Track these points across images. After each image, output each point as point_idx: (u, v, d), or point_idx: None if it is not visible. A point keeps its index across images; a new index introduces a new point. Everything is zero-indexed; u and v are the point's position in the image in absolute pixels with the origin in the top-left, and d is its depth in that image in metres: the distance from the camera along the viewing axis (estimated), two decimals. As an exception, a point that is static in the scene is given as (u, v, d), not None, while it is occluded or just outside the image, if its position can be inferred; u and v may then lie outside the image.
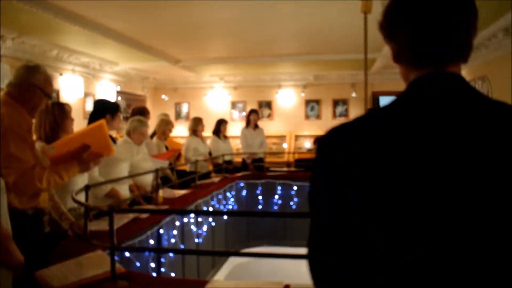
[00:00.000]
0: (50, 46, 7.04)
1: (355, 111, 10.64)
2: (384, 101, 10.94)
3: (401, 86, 1.00)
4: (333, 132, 0.89)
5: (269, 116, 11.18)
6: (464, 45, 0.91)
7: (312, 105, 11.05)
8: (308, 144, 10.71)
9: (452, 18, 0.88)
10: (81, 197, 2.70)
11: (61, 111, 2.96)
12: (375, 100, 10.60)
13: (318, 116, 11.01)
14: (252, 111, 7.70)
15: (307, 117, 11.05)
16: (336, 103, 10.93)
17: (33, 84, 2.38)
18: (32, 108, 2.42)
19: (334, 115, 10.94)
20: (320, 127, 10.83)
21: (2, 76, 5.52)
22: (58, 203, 2.73)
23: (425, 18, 0.88)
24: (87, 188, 2.70)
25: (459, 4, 0.88)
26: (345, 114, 10.87)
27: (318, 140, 0.92)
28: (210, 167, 6.84)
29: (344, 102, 10.88)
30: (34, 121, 2.62)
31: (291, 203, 6.55)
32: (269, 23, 5.95)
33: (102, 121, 2.59)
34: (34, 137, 2.76)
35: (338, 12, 5.36)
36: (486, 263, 0.74)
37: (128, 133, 4.20)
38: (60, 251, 2.49)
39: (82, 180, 2.95)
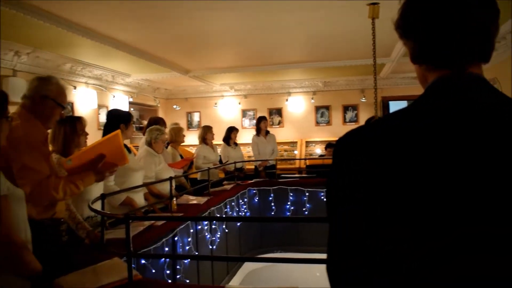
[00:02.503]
0: (63, 59, 7.18)
1: (365, 116, 10.62)
2: (394, 106, 10.95)
3: (410, 90, 0.98)
4: (349, 136, 0.87)
5: (280, 123, 11.22)
6: (486, 45, 0.87)
7: (322, 111, 11.07)
8: (319, 150, 10.71)
9: (473, 16, 0.84)
10: (97, 206, 2.76)
11: (72, 129, 3.03)
12: (385, 105, 10.60)
13: (328, 122, 11.02)
14: (261, 118, 7.76)
15: (317, 123, 11.07)
16: (346, 108, 10.93)
17: (46, 96, 2.44)
18: (47, 119, 2.47)
19: (344, 121, 10.93)
20: (330, 133, 10.84)
21: (18, 90, 5.64)
22: (75, 213, 2.80)
23: (445, 16, 0.84)
24: (103, 197, 2.76)
25: (481, 3, 0.85)
26: (355, 119, 10.87)
27: (334, 145, 0.92)
28: (221, 175, 6.89)
29: (354, 107, 10.88)
30: (49, 131, 2.68)
31: (304, 209, 6.56)
32: (277, 31, 6.01)
33: (118, 132, 2.65)
34: (50, 147, 2.83)
35: (345, 18, 5.40)
36: (487, 268, 0.73)
37: (149, 143, 4.31)
38: (78, 259, 2.53)
39: (97, 189, 3.01)
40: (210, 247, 4.74)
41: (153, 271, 3.21)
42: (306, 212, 6.51)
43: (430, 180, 0.75)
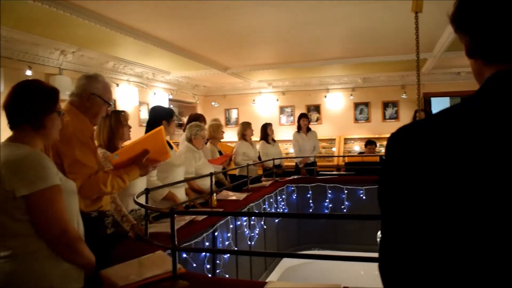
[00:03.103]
0: (106, 58, 7.39)
1: (406, 113, 10.41)
2: (436, 102, 10.67)
3: (452, 86, 0.94)
4: (404, 132, 0.86)
5: (318, 120, 11.14)
6: None
7: (361, 108, 10.92)
8: (357, 147, 10.57)
9: None
10: (141, 200, 2.83)
11: (116, 120, 3.12)
12: (427, 101, 10.33)
13: (367, 119, 10.86)
14: (302, 115, 7.74)
15: (356, 120, 10.93)
16: (385, 105, 10.74)
17: (93, 93, 2.53)
18: (94, 116, 2.57)
19: (384, 118, 10.74)
20: (369, 130, 10.68)
21: (64, 88, 5.85)
22: (120, 206, 2.88)
23: (504, 7, 0.80)
24: (147, 191, 2.83)
25: None
26: (395, 116, 10.66)
27: (387, 140, 0.90)
28: (260, 171, 6.91)
29: (394, 104, 10.67)
30: (95, 128, 2.77)
31: (342, 206, 6.50)
32: (316, 27, 5.96)
33: (161, 127, 2.71)
34: (96, 143, 2.92)
35: (387, 13, 5.29)
36: None
37: (189, 140, 4.39)
38: (122, 252, 2.60)
39: (141, 184, 3.09)
40: (249, 243, 4.76)
41: (194, 265, 3.26)
42: (345, 210, 6.44)
43: (492, 179, 0.73)
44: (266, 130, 7.20)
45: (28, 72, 5.94)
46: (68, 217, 1.86)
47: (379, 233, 3.67)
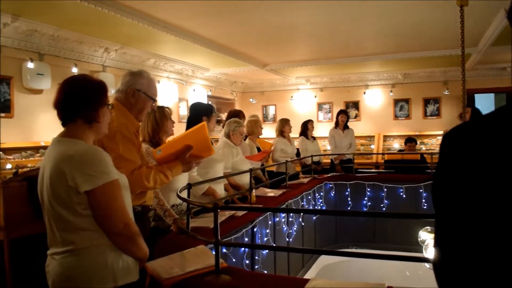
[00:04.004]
0: (148, 55, 7.55)
1: (448, 110, 10.14)
2: (480, 98, 10.32)
3: (497, 82, 0.92)
4: (458, 132, 0.85)
5: (356, 116, 11.01)
6: None
7: (401, 105, 10.71)
8: (397, 145, 10.38)
9: None
10: (183, 195, 2.87)
11: (161, 114, 3.17)
12: (470, 97, 10.00)
13: (407, 116, 10.65)
14: (341, 112, 7.66)
15: (396, 117, 10.73)
16: (427, 102, 10.49)
17: (138, 89, 2.56)
18: (139, 112, 2.60)
19: (425, 115, 10.50)
20: (409, 127, 10.47)
21: (107, 85, 5.99)
22: (163, 200, 2.94)
23: None
24: (189, 186, 2.87)
25: None
26: (437, 113, 10.39)
27: (442, 139, 0.88)
28: (298, 168, 6.89)
29: (436, 100, 10.41)
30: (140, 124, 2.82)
31: (381, 205, 6.40)
32: (355, 22, 5.89)
33: (204, 123, 2.72)
34: (140, 138, 2.98)
35: (430, 7, 5.16)
36: None
37: (228, 135, 4.43)
38: (164, 245, 2.65)
39: (183, 179, 3.14)
40: (287, 239, 4.77)
41: (233, 260, 3.29)
42: (384, 209, 6.33)
43: None
44: (307, 126, 7.17)
45: (74, 70, 6.14)
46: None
47: (420, 233, 3.58)
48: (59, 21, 5.55)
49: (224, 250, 3.16)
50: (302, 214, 5.18)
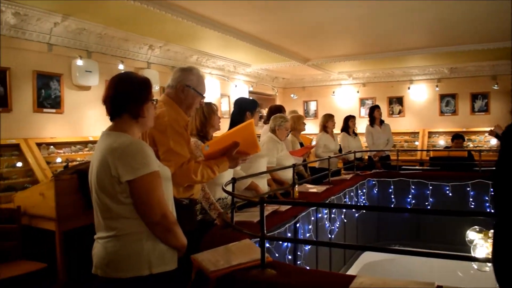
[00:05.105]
0: (190, 52, 7.65)
1: (497, 106, 9.76)
2: (533, 93, 9.85)
3: None
4: None
5: (400, 112, 10.77)
6: None
7: (447, 100, 10.39)
8: (442, 141, 10.07)
9: None
10: (228, 189, 2.89)
11: (209, 109, 3.23)
12: (520, 92, 9.59)
13: (454, 112, 10.32)
14: (375, 107, 7.47)
15: (441, 112, 10.42)
16: (474, 97, 10.13)
17: (187, 85, 2.62)
18: (188, 107, 2.66)
19: (473, 110, 10.14)
20: (456, 123, 10.15)
21: (152, 81, 6.13)
22: (208, 194, 2.98)
23: None
24: (234, 180, 2.89)
25: None
26: (485, 109, 10.02)
27: (505, 131, 0.84)
28: (340, 164, 6.82)
29: (484, 95, 10.03)
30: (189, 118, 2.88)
31: (426, 203, 6.23)
32: (400, 15, 5.74)
33: (251, 120, 2.75)
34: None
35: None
36: None
37: (273, 130, 4.45)
38: (210, 238, 2.69)
39: (227, 173, 3.16)
40: (329, 236, 4.73)
41: (276, 255, 3.30)
42: (429, 207, 6.17)
43: None
44: (348, 122, 7.07)
45: (121, 66, 6.31)
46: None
47: (468, 232, 3.44)
48: (106, 19, 5.71)
49: (267, 245, 3.17)
50: (344, 210, 5.12)
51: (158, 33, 6.48)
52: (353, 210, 5.65)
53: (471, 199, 5.87)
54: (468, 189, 5.90)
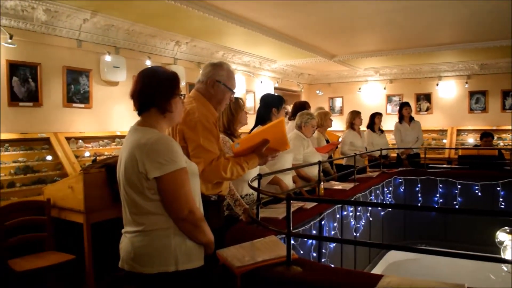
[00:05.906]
0: (216, 48, 7.67)
1: (529, 103, 9.48)
2: None
3: None
4: None
5: (428, 109, 10.57)
6: None
7: (477, 97, 10.14)
8: (471, 139, 9.84)
9: None
10: (254, 185, 2.89)
11: (236, 104, 3.22)
12: (556, 89, 9.29)
13: (484, 109, 10.07)
14: (404, 104, 7.36)
15: (471, 110, 10.19)
16: (505, 94, 9.86)
17: (217, 80, 2.61)
18: (218, 102, 2.64)
19: (503, 108, 9.87)
20: (486, 121, 9.90)
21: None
22: (233, 190, 2.98)
23: None
24: (259, 176, 2.89)
25: None
26: (516, 106, 9.74)
27: None
28: (366, 162, 6.74)
29: (516, 93, 9.75)
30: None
31: (454, 202, 6.10)
32: (428, 10, 5.62)
33: (282, 118, 2.75)
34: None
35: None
36: None
37: (299, 127, 4.43)
38: (235, 234, 2.69)
39: (254, 170, 3.16)
40: (354, 234, 4.68)
41: (301, 252, 3.28)
42: (457, 207, 6.04)
43: None
44: (374, 119, 6.99)
45: (148, 62, 6.38)
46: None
47: (498, 233, 3.36)
48: (133, 16, 5.78)
49: (292, 242, 3.15)
50: (370, 208, 5.06)
51: (185, 29, 6.52)
52: (379, 208, 5.58)
53: (501, 199, 5.72)
54: (498, 188, 5.75)
